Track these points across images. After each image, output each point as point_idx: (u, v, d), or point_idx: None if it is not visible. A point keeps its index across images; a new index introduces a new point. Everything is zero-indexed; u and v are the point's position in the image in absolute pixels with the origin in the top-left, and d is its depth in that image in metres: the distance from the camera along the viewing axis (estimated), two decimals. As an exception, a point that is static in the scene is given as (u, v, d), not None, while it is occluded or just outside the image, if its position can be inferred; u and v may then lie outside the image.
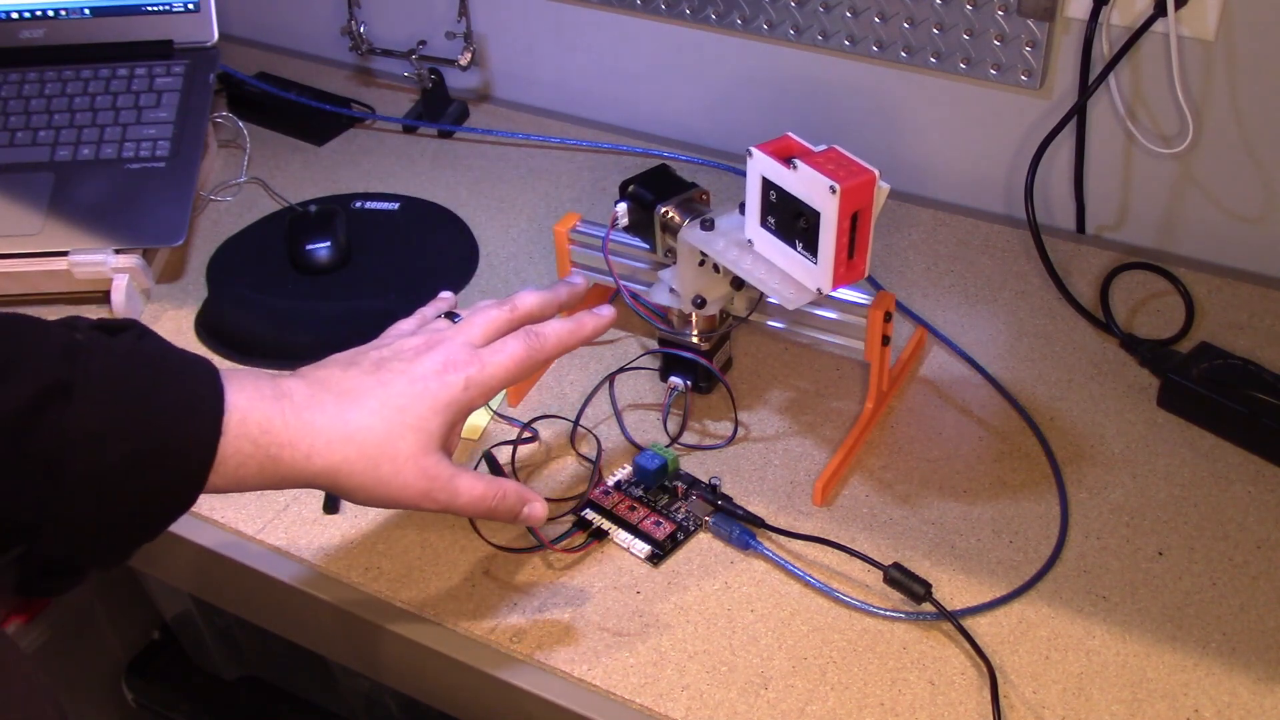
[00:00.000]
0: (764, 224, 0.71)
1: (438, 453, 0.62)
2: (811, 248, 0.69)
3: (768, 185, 0.70)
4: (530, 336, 0.67)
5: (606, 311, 0.72)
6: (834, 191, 0.65)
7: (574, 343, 0.70)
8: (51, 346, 0.53)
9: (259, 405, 0.57)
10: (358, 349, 0.66)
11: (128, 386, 0.53)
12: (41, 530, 0.53)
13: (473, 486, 0.63)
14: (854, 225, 0.67)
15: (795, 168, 0.67)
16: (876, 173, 0.66)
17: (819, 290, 0.69)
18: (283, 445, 0.57)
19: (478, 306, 0.69)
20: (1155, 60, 0.89)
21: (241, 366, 0.59)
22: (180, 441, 0.54)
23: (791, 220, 0.69)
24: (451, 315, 0.70)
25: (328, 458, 0.58)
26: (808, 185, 0.67)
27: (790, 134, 0.70)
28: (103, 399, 0.52)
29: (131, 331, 0.56)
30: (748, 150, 0.70)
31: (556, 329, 0.69)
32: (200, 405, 0.55)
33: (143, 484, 0.53)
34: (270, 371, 0.61)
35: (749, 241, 0.73)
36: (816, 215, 0.67)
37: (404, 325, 0.70)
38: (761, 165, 0.69)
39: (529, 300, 0.70)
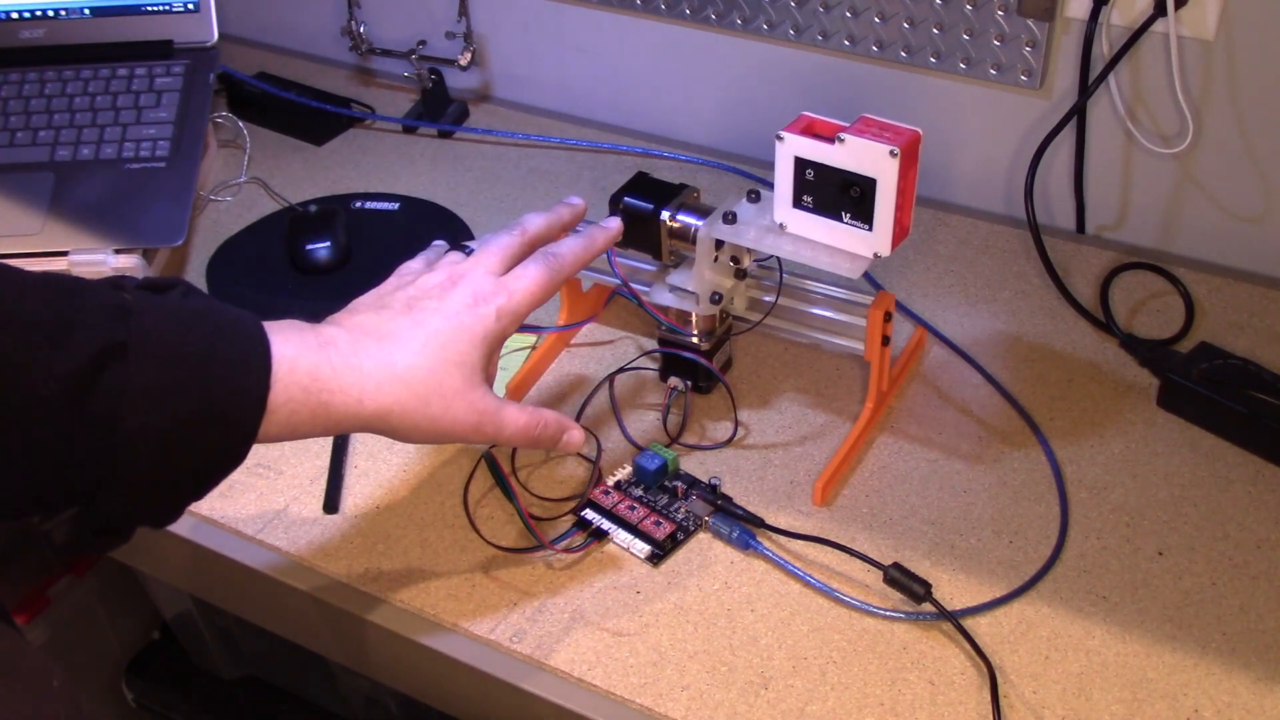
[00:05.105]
0: (798, 204, 0.72)
1: (482, 386, 0.63)
2: (863, 216, 0.70)
3: (802, 165, 0.70)
4: (548, 258, 0.68)
5: (614, 223, 0.74)
6: (894, 155, 0.67)
7: (588, 257, 0.71)
8: (105, 307, 0.53)
9: (306, 355, 0.58)
10: (379, 290, 0.67)
11: (179, 344, 0.54)
12: (98, 492, 0.53)
13: (517, 418, 0.65)
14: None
15: (842, 141, 0.68)
16: (920, 131, 0.68)
17: (876, 254, 0.71)
18: (333, 392, 0.58)
19: (487, 237, 0.70)
20: (1155, 60, 0.89)
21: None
22: (233, 397, 0.55)
23: (839, 193, 0.70)
24: (462, 247, 0.70)
25: (379, 400, 0.60)
26: (859, 155, 0.68)
27: (806, 112, 0.71)
28: (157, 357, 0.53)
29: (178, 289, 0.57)
30: (777, 135, 0.70)
31: (571, 246, 0.70)
32: (250, 360, 0.56)
33: (196, 441, 0.54)
34: (305, 323, 0.61)
35: (780, 225, 0.74)
36: (872, 183, 0.68)
37: (413, 264, 0.70)
38: (795, 146, 0.70)
39: (536, 222, 0.71)
